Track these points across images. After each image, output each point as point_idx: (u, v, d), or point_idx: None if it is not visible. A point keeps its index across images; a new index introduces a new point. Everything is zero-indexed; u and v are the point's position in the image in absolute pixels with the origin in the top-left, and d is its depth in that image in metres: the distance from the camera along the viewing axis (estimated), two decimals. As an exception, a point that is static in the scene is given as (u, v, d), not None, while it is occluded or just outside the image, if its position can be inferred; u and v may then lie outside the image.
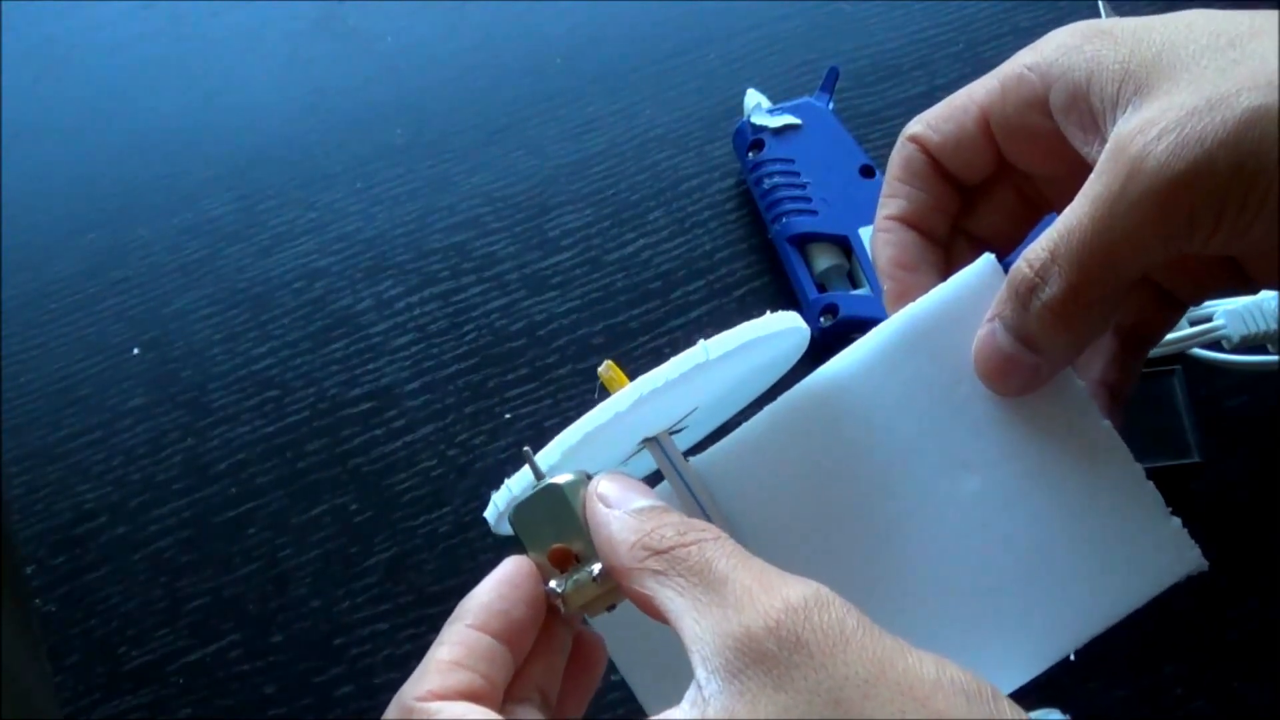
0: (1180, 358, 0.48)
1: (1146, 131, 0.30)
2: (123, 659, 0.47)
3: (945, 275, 0.35)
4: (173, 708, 0.46)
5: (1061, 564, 0.33)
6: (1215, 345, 0.49)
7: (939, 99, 0.58)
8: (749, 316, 0.53)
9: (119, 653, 0.47)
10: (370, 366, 0.53)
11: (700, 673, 0.26)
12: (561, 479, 0.32)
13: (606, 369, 0.32)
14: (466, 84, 0.61)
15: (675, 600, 0.28)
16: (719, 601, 0.27)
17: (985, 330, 0.33)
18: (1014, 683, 0.35)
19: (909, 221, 0.38)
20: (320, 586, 0.48)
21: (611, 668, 0.46)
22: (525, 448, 0.33)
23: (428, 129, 0.59)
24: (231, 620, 0.48)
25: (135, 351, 0.54)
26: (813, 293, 0.51)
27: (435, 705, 0.30)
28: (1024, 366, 0.33)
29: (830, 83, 0.56)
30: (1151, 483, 0.33)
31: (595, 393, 0.33)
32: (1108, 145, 0.31)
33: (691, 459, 0.34)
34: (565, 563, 0.31)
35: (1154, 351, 0.48)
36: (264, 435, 0.51)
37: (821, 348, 0.52)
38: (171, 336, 0.54)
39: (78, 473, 0.51)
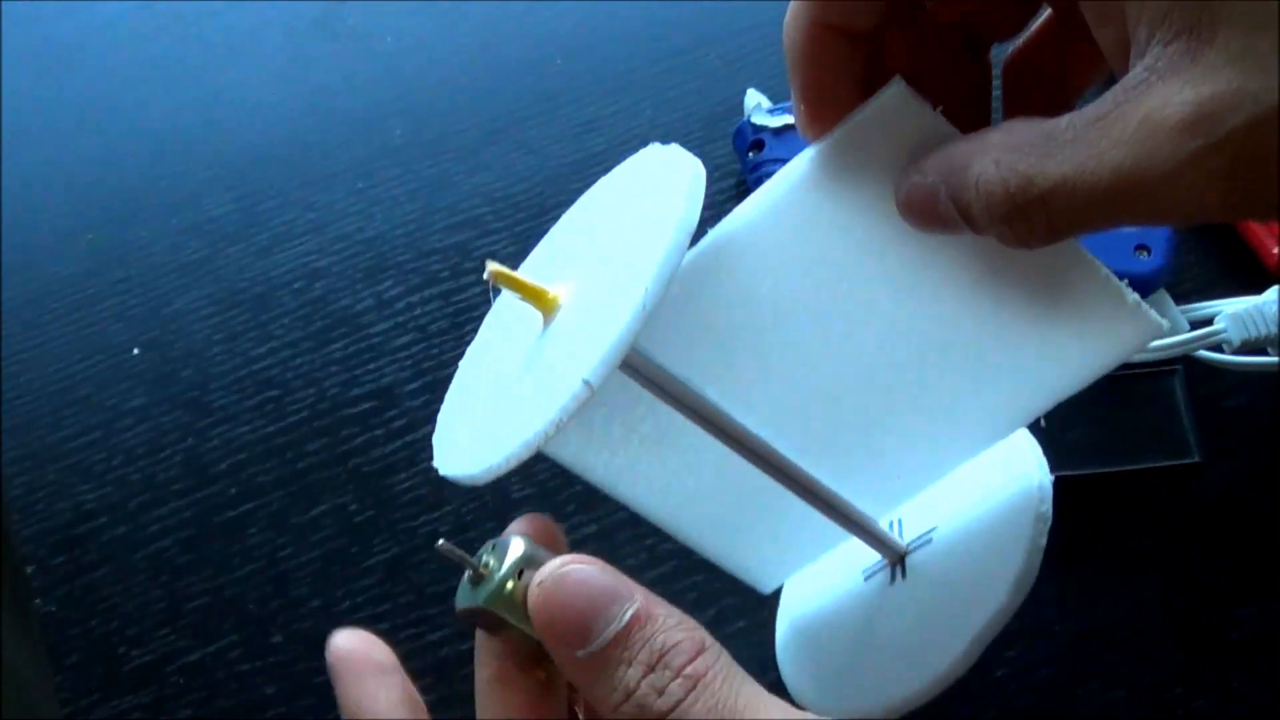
0: (1180, 358, 0.48)
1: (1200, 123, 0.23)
2: (123, 659, 0.47)
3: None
4: (173, 708, 0.46)
5: (1016, 343, 0.32)
6: (1215, 349, 0.49)
7: (939, 99, 0.58)
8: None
9: (119, 653, 0.47)
10: (370, 366, 0.53)
11: None
12: (498, 577, 0.28)
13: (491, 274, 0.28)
14: (466, 84, 0.61)
15: None
16: None
17: (923, 190, 0.28)
18: (974, 452, 0.35)
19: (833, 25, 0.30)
20: (320, 586, 0.48)
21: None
22: (441, 543, 0.29)
23: (428, 129, 0.59)
24: (231, 620, 0.48)
25: (135, 351, 0.54)
26: (813, 293, 0.51)
27: None
28: (958, 230, 0.28)
29: (830, 83, 0.56)
30: (1101, 264, 0.30)
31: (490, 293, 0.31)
32: (1139, 115, 0.24)
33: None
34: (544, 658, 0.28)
35: (1154, 353, 0.48)
36: (264, 435, 0.51)
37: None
38: (171, 336, 0.54)
39: (78, 473, 0.51)
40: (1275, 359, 0.48)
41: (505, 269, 0.28)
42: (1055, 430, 0.48)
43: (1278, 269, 0.52)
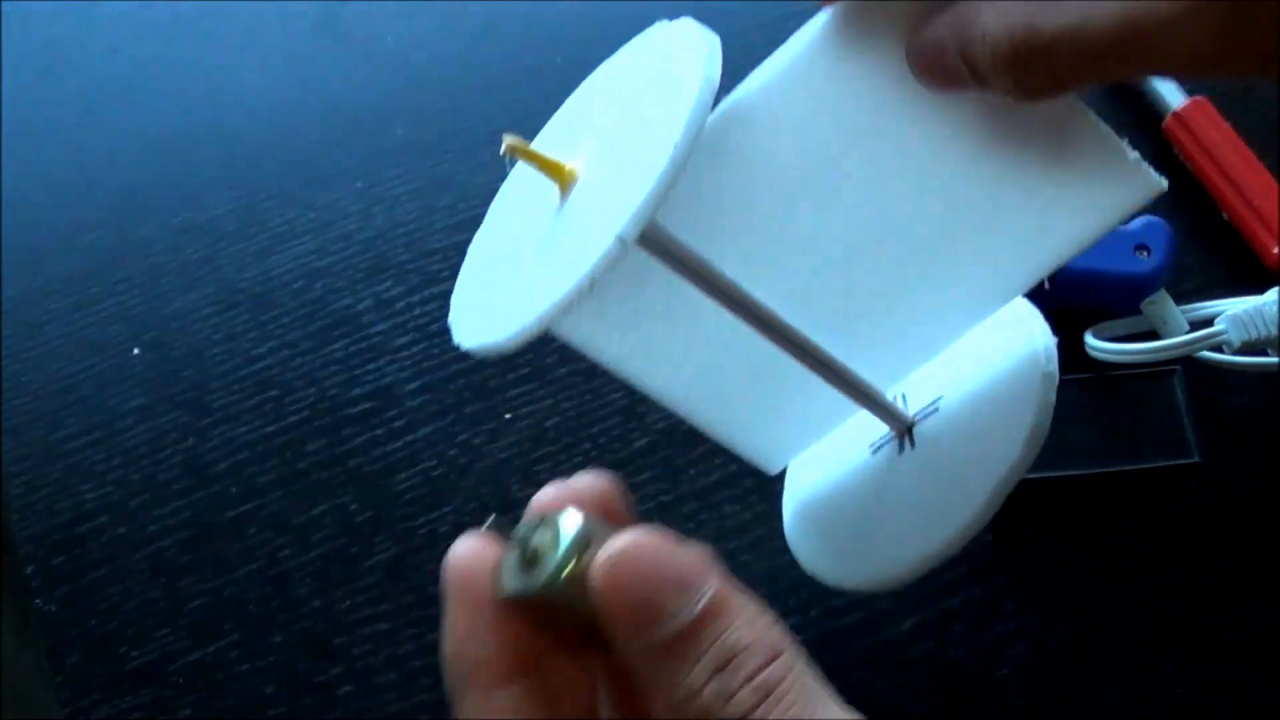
0: (1180, 359, 0.48)
1: None
2: (123, 659, 0.47)
3: None
4: (173, 708, 0.46)
5: (1020, 204, 0.32)
6: (1216, 349, 0.49)
7: (939, 99, 0.58)
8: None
9: (119, 653, 0.47)
10: (370, 366, 0.53)
11: None
12: (558, 558, 0.24)
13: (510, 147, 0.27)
14: (466, 84, 0.61)
15: None
16: None
17: (932, 44, 0.28)
18: (979, 318, 0.36)
19: None
20: (320, 586, 0.48)
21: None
22: (489, 526, 0.27)
23: (428, 129, 0.59)
24: (231, 620, 0.48)
25: (135, 351, 0.54)
26: (813, 293, 0.51)
27: None
28: (966, 85, 0.28)
29: (830, 83, 0.56)
30: (1101, 121, 0.31)
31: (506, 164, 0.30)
32: None
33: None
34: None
35: (1155, 355, 0.48)
36: (264, 435, 0.51)
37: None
38: (171, 336, 0.54)
39: (78, 473, 0.51)
40: (1275, 359, 0.48)
41: (522, 142, 0.27)
42: (1055, 430, 0.48)
43: (1278, 269, 0.52)
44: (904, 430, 0.38)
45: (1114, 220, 0.32)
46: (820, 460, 0.41)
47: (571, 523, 0.25)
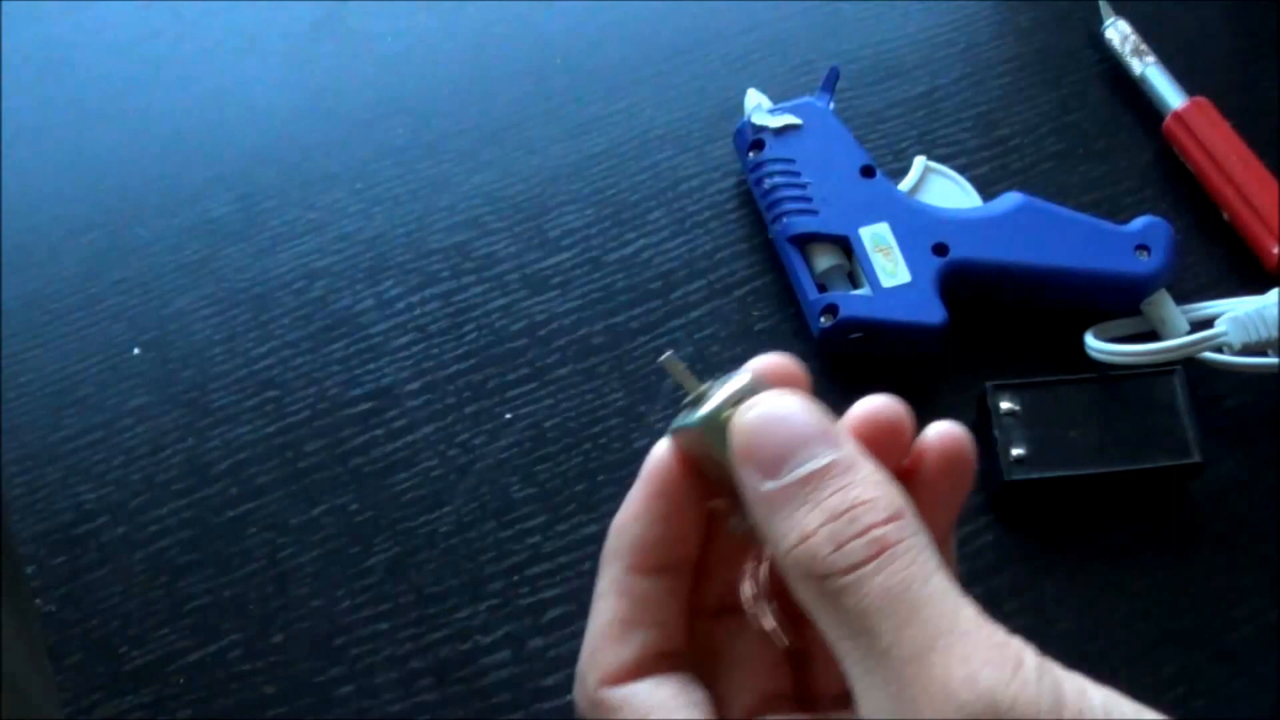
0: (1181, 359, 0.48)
1: None
2: (123, 659, 0.47)
3: None
4: (173, 708, 0.46)
5: None
6: (1216, 351, 0.49)
7: (939, 99, 0.59)
8: (749, 316, 0.53)
9: (119, 653, 0.47)
10: (370, 366, 0.53)
11: None
12: (711, 405, 0.26)
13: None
14: (466, 84, 0.61)
15: (839, 645, 0.23)
16: (880, 679, 0.22)
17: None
18: None
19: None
20: (320, 586, 0.48)
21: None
22: (667, 355, 0.28)
23: (428, 129, 0.59)
24: (232, 620, 0.48)
25: (135, 351, 0.54)
26: (813, 293, 0.51)
27: (619, 695, 0.26)
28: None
29: (831, 83, 0.56)
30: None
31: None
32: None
33: None
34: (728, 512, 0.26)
35: (1156, 357, 0.48)
36: (264, 435, 0.51)
37: (822, 347, 0.52)
38: (171, 336, 0.54)
39: (78, 473, 0.51)
40: (1275, 360, 0.48)
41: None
42: (1056, 430, 0.48)
43: (1278, 269, 0.52)
44: None
45: None
46: None
47: (740, 379, 0.26)
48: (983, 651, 0.21)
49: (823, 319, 0.50)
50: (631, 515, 0.27)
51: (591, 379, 0.52)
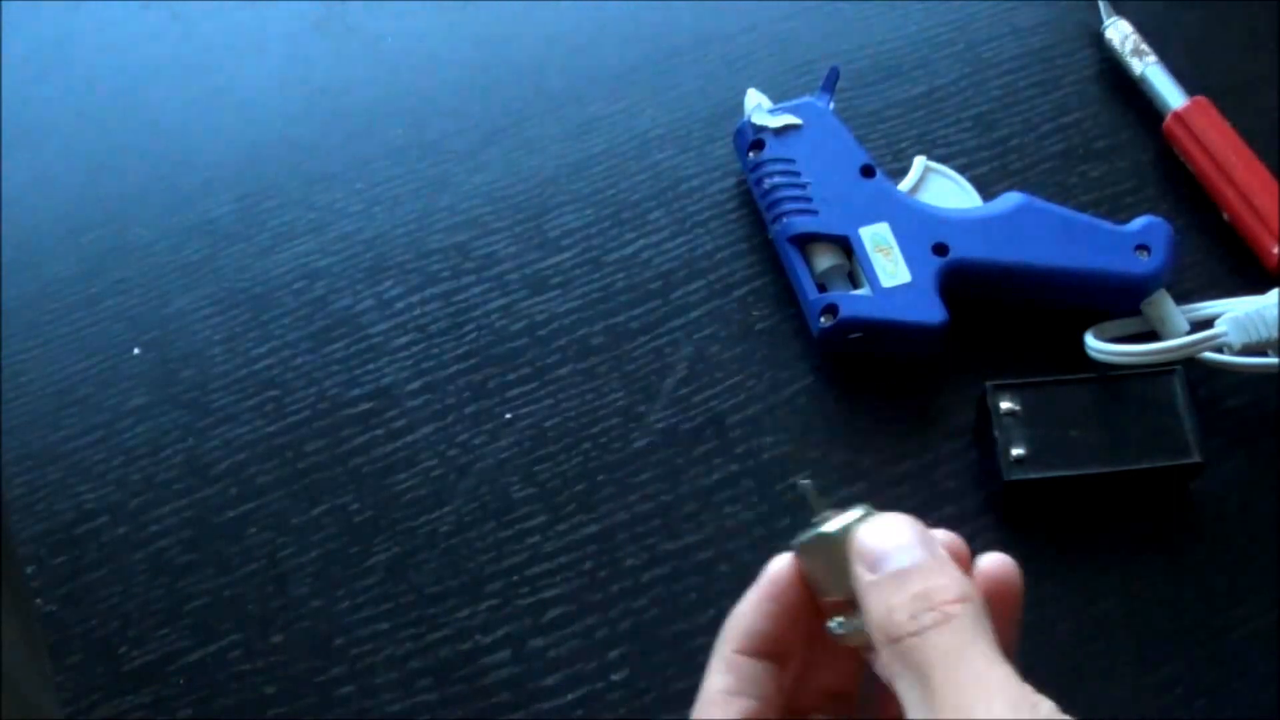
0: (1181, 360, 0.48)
1: None
2: (123, 659, 0.47)
3: None
4: (173, 708, 0.46)
5: None
6: (1216, 351, 0.49)
7: (939, 99, 0.59)
8: (749, 316, 0.53)
9: (119, 653, 0.47)
10: (370, 366, 0.53)
11: None
12: (835, 525, 0.31)
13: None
14: (466, 84, 0.61)
15: (906, 695, 0.28)
16: (934, 711, 0.27)
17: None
18: None
19: None
20: (320, 586, 0.48)
21: (610, 667, 0.46)
22: (804, 480, 0.34)
23: (428, 129, 0.59)
24: (232, 620, 0.48)
25: (135, 351, 0.54)
26: (813, 293, 0.51)
27: None
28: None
29: (831, 82, 0.56)
30: None
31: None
32: None
33: None
34: (845, 610, 0.31)
35: (1156, 357, 0.48)
36: (264, 435, 0.51)
37: (822, 347, 0.52)
38: (172, 336, 0.54)
39: (78, 473, 0.51)
40: (1275, 360, 0.48)
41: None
42: (1056, 430, 0.48)
43: (1278, 269, 0.52)
44: None
45: None
46: None
47: (858, 510, 0.32)
48: (1009, 695, 0.27)
49: (823, 319, 0.50)
50: (747, 608, 0.33)
51: (591, 379, 0.52)
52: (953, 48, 0.60)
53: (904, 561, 0.30)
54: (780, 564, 0.33)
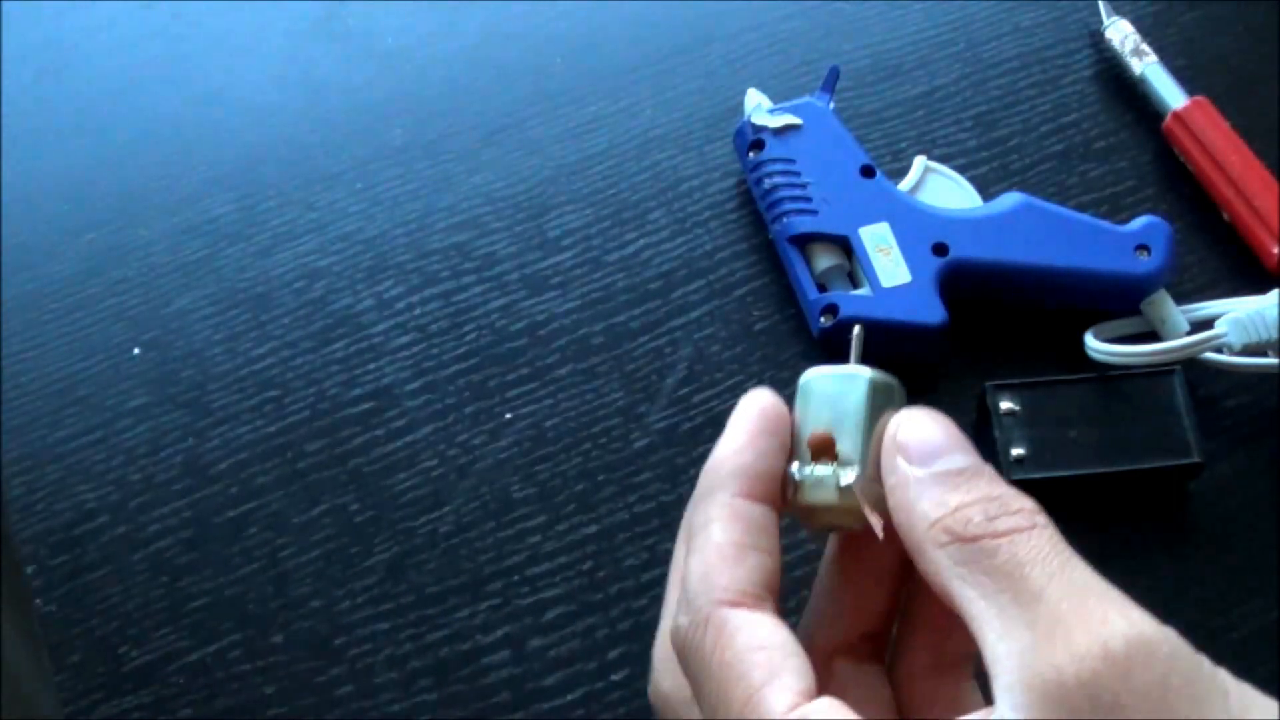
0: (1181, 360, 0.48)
1: None
2: (123, 659, 0.47)
3: None
4: (173, 708, 0.46)
5: None
6: (1216, 351, 0.49)
7: (938, 99, 0.59)
8: (749, 316, 0.53)
9: (119, 653, 0.47)
10: (371, 366, 0.53)
11: (1001, 701, 0.24)
12: (869, 372, 0.28)
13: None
14: (466, 84, 0.61)
15: (977, 604, 0.25)
16: (1028, 622, 0.24)
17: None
18: None
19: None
20: (320, 586, 0.48)
21: (610, 667, 0.46)
22: (859, 330, 0.31)
23: (428, 129, 0.59)
24: (232, 620, 0.48)
25: (135, 351, 0.54)
26: (813, 293, 0.51)
27: (741, 617, 0.26)
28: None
29: (831, 82, 0.56)
30: None
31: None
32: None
33: None
34: (819, 454, 0.28)
35: (1156, 358, 0.48)
36: (264, 435, 0.51)
37: (822, 348, 0.52)
38: (171, 336, 0.54)
39: (78, 473, 0.51)
40: (1275, 361, 0.48)
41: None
42: (1056, 430, 0.48)
43: (1278, 269, 0.52)
44: None
45: None
46: None
47: (891, 377, 0.29)
48: (1136, 609, 0.24)
49: (823, 319, 0.50)
50: (736, 448, 0.28)
51: (591, 379, 0.52)
52: (953, 48, 0.60)
53: (959, 463, 0.26)
54: (767, 395, 0.29)
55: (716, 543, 0.27)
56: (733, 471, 0.28)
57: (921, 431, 0.27)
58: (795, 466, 0.28)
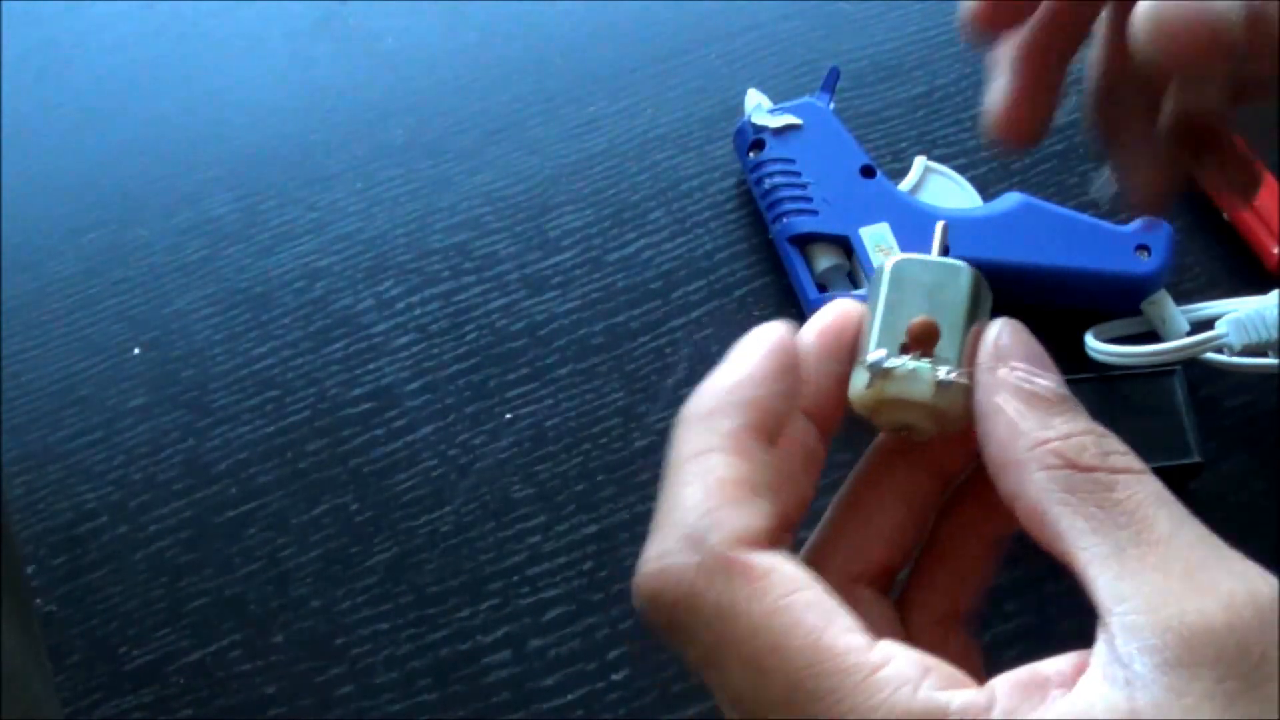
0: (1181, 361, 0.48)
1: None
2: (123, 659, 0.47)
3: None
4: (173, 708, 0.46)
5: None
6: (1216, 352, 0.49)
7: (939, 99, 0.59)
8: (749, 316, 0.53)
9: (119, 653, 0.47)
10: (371, 366, 0.53)
11: (1123, 643, 0.23)
12: (969, 266, 0.26)
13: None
14: (466, 84, 0.61)
15: (1087, 536, 0.24)
16: (1157, 565, 0.23)
17: None
18: None
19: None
20: (321, 586, 0.48)
21: (610, 667, 0.46)
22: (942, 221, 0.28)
23: (428, 129, 0.59)
24: (232, 620, 0.48)
25: (135, 351, 0.54)
26: (813, 293, 0.51)
27: (765, 560, 0.23)
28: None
29: (831, 83, 0.56)
30: None
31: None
32: None
33: None
34: (918, 345, 0.25)
35: (1156, 358, 0.48)
36: (264, 435, 0.51)
37: (822, 348, 0.52)
38: (172, 336, 0.54)
39: (78, 473, 0.51)
40: (1276, 361, 0.48)
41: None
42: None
43: (1278, 269, 0.52)
44: None
45: None
46: None
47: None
48: (1249, 570, 0.23)
49: (823, 319, 0.50)
50: (743, 379, 0.25)
51: (591, 379, 0.52)
52: (953, 48, 0.60)
53: (1060, 388, 0.25)
54: (784, 337, 0.26)
55: (715, 479, 0.24)
56: (742, 399, 0.25)
57: (1026, 346, 0.25)
58: (878, 356, 0.25)
